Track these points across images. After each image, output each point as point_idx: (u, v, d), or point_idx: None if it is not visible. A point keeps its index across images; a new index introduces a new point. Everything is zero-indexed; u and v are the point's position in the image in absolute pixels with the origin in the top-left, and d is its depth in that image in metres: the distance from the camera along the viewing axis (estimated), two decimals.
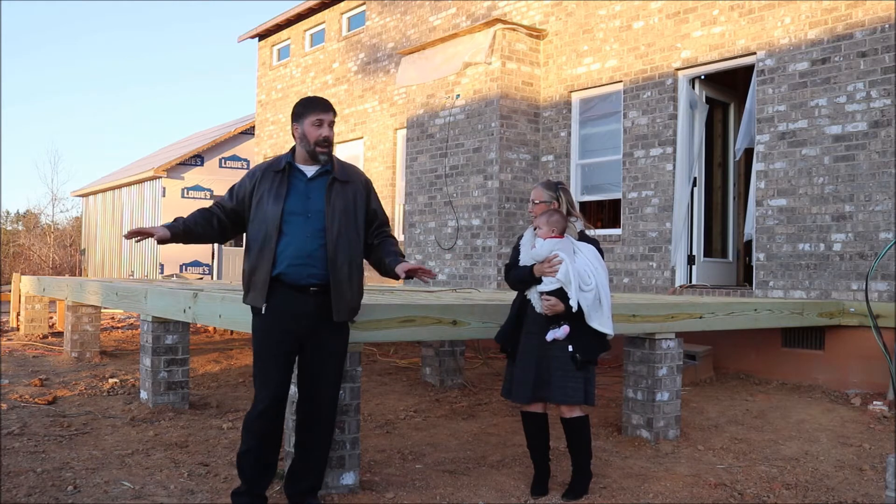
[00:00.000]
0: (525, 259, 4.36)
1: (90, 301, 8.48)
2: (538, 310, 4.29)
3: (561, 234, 4.31)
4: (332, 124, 3.93)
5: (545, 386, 4.25)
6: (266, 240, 3.82)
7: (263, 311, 3.87)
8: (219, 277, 20.66)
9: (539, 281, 4.28)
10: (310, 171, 3.93)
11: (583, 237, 4.42)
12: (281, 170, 3.90)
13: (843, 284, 7.41)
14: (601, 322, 4.25)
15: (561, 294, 4.20)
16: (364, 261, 4.10)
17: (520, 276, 4.37)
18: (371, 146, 13.73)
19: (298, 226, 3.85)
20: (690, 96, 8.96)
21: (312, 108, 3.90)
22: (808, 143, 7.72)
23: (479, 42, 10.16)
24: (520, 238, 4.56)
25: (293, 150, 4.00)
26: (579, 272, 4.20)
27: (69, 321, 9.15)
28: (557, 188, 4.51)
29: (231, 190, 4.03)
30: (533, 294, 4.34)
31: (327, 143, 3.89)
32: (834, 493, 4.53)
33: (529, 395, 4.28)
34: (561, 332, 4.21)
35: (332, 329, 3.96)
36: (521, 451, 5.13)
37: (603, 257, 4.42)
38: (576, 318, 4.22)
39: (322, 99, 3.97)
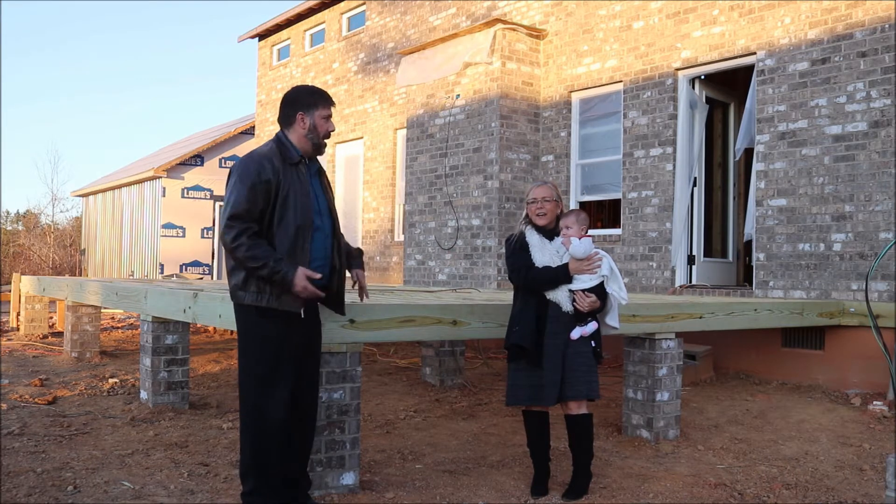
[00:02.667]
0: (545, 260, 4.30)
1: (90, 301, 8.48)
2: (565, 309, 4.26)
3: (586, 234, 4.35)
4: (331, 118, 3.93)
5: (570, 385, 4.25)
6: (301, 239, 3.69)
7: (302, 316, 3.77)
8: (218, 277, 20.67)
9: (569, 280, 4.27)
10: (310, 164, 3.90)
11: None
12: (296, 163, 3.77)
13: (843, 284, 7.41)
14: (614, 317, 4.43)
15: (596, 290, 4.27)
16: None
17: (552, 277, 4.26)
18: (371, 146, 13.73)
19: (319, 225, 3.81)
20: (690, 96, 8.96)
21: (324, 102, 3.85)
22: (808, 143, 7.72)
23: (479, 42, 10.17)
24: (520, 239, 4.42)
25: (288, 140, 3.81)
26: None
27: (69, 321, 9.14)
28: (558, 191, 4.53)
29: (254, 189, 3.61)
30: (561, 294, 4.28)
31: (329, 136, 3.90)
32: (834, 493, 4.53)
33: (558, 396, 4.27)
34: (590, 328, 4.28)
35: (319, 328, 4.01)
36: (521, 451, 5.13)
37: None
38: (595, 315, 4.33)
39: (327, 92, 3.94)
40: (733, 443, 5.63)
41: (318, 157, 3.97)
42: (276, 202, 3.65)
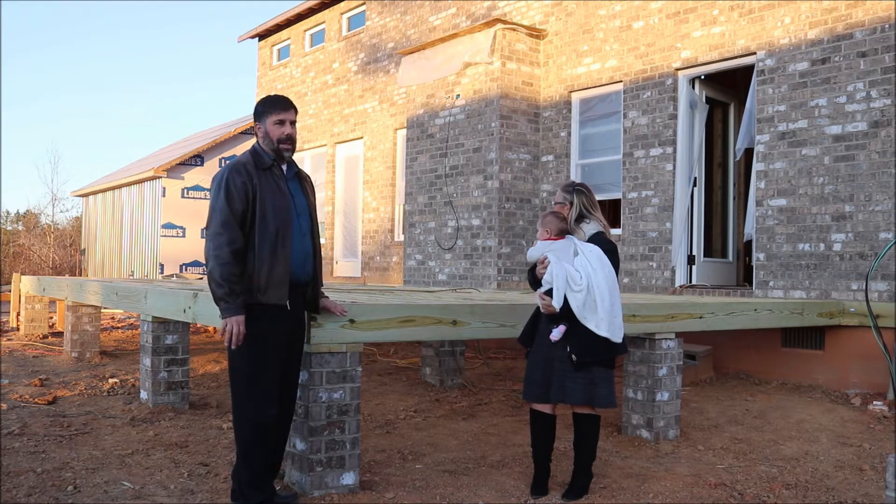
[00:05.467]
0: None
1: (90, 301, 8.48)
2: (542, 310, 4.37)
3: (558, 235, 4.32)
4: (293, 123, 4.02)
5: (547, 386, 4.29)
6: (281, 238, 3.86)
7: (289, 308, 3.95)
8: None
9: (539, 282, 4.35)
10: (286, 169, 4.07)
11: (596, 239, 4.37)
12: (268, 167, 3.95)
13: (843, 284, 7.41)
14: (597, 324, 4.18)
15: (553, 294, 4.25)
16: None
17: (530, 278, 4.48)
18: (371, 146, 13.73)
19: (296, 225, 3.98)
20: (690, 96, 8.96)
21: (273, 108, 4.00)
22: (808, 143, 7.72)
23: (479, 42, 10.16)
24: None
25: (260, 148, 3.99)
26: (569, 272, 4.20)
27: (69, 321, 9.14)
28: (573, 190, 4.49)
29: (230, 194, 3.78)
30: (536, 295, 4.40)
31: (290, 140, 4.01)
32: (834, 493, 4.53)
33: (538, 394, 4.31)
34: (556, 331, 4.25)
35: (303, 325, 4.13)
36: (521, 451, 5.14)
37: (617, 261, 4.38)
38: (572, 318, 4.23)
39: (282, 98, 4.07)
40: (733, 443, 5.63)
41: (296, 161, 4.16)
42: (254, 204, 3.82)
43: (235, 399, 3.95)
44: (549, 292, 4.24)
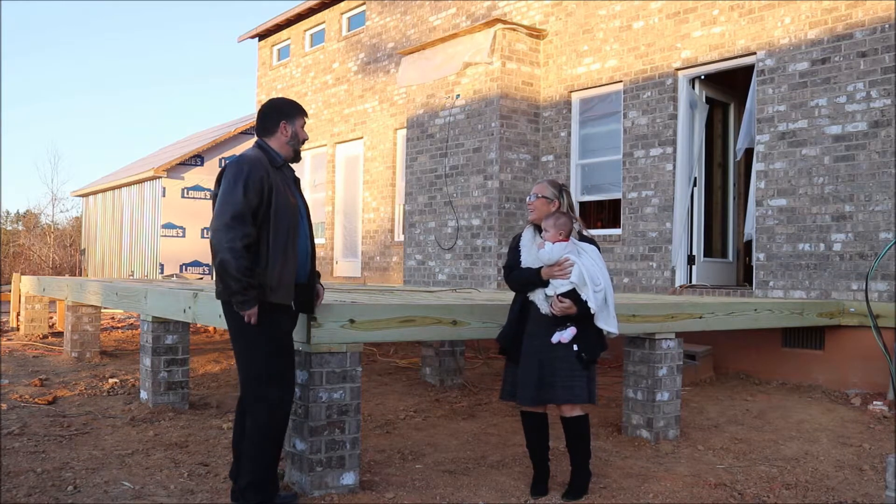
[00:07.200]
0: (528, 261, 4.34)
1: (90, 301, 8.48)
2: (543, 311, 4.27)
3: (567, 238, 4.30)
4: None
5: (548, 388, 4.24)
6: (290, 238, 3.90)
7: (294, 308, 4.00)
8: None
9: (545, 283, 4.26)
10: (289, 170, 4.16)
11: (581, 238, 4.42)
12: (279, 167, 3.98)
13: (843, 284, 7.41)
14: (607, 321, 4.25)
15: (572, 296, 4.20)
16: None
17: (525, 279, 4.33)
18: (371, 146, 13.73)
19: (301, 225, 4.03)
20: (690, 96, 8.96)
21: (301, 111, 4.14)
22: (808, 143, 7.72)
23: (479, 42, 10.16)
24: (517, 238, 4.54)
25: (270, 147, 4.01)
26: (589, 272, 4.21)
27: (69, 321, 9.15)
28: (561, 189, 4.51)
29: (248, 187, 3.75)
30: (538, 296, 4.30)
31: (303, 144, 4.18)
32: (834, 493, 4.54)
33: (534, 397, 4.27)
34: (568, 333, 4.21)
35: (295, 323, 4.15)
36: (521, 451, 5.13)
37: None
38: (580, 319, 4.22)
39: (300, 104, 4.24)
40: (733, 443, 5.63)
41: (293, 165, 4.21)
42: (269, 201, 3.83)
43: (257, 399, 3.90)
44: (567, 294, 4.19)
